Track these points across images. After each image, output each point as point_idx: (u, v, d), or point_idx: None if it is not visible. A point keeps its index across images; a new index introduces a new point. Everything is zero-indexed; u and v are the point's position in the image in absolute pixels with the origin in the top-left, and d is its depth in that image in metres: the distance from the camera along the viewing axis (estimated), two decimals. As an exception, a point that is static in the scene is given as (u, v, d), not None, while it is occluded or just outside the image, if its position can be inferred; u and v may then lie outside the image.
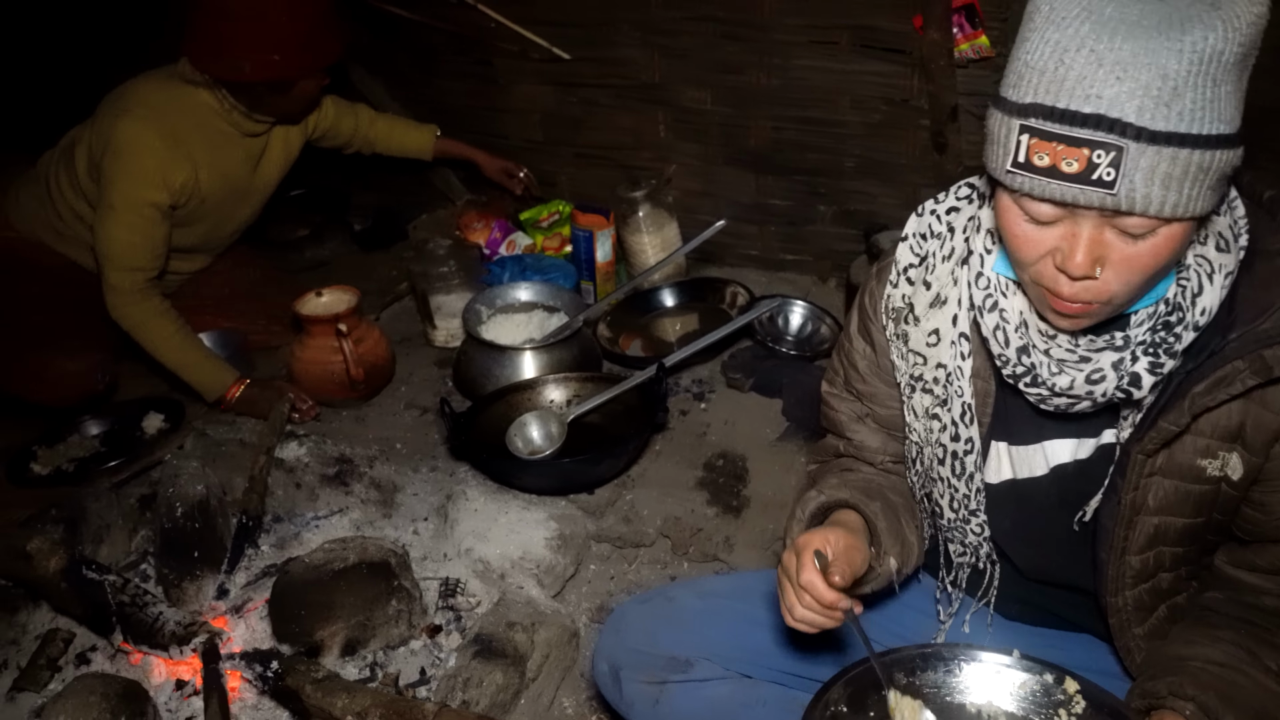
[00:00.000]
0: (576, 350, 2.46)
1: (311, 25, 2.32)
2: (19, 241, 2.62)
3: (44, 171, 2.60)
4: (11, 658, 1.84)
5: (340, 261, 3.47)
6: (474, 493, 2.01)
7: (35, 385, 2.38)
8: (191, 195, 2.45)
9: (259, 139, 2.59)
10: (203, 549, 1.87)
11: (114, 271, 2.36)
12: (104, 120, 2.37)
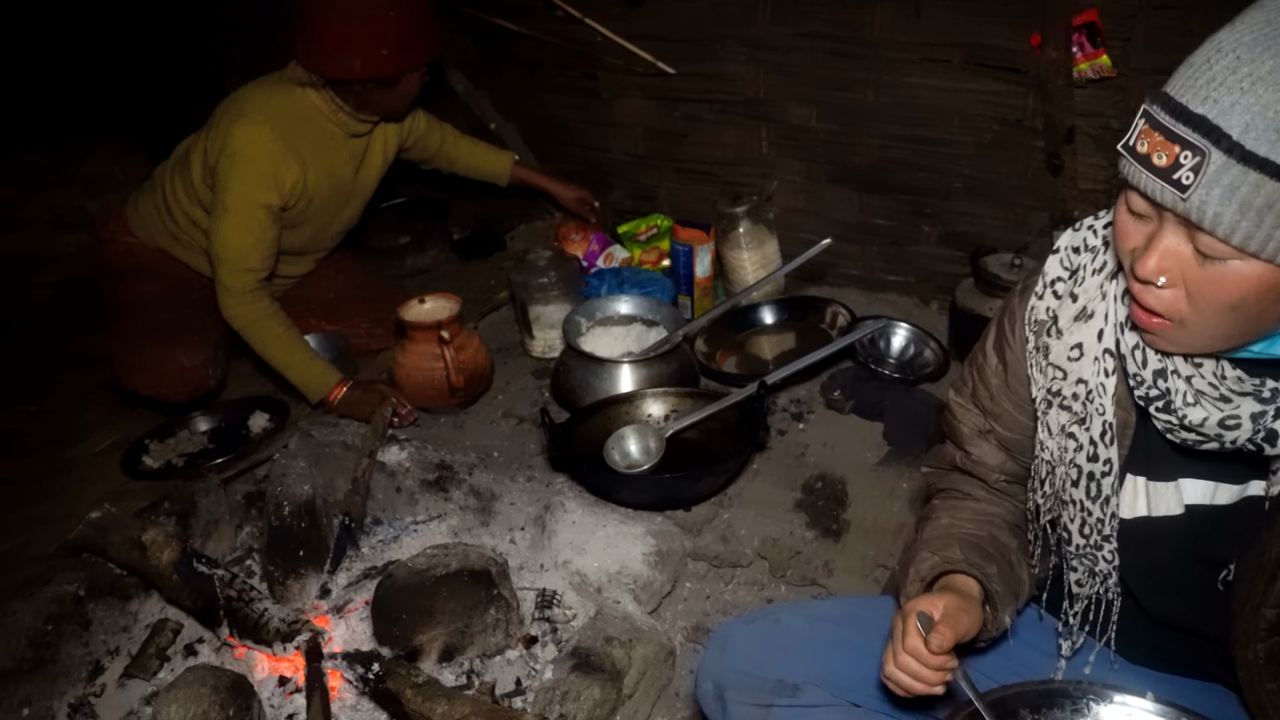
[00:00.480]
0: (675, 365, 2.45)
1: (415, 21, 2.39)
2: (139, 246, 2.73)
3: (160, 180, 2.69)
4: (123, 645, 1.89)
5: (439, 269, 3.52)
6: (572, 504, 2.01)
7: (153, 381, 2.46)
8: (300, 196, 2.51)
9: (361, 140, 2.66)
10: (308, 548, 1.90)
11: (228, 272, 2.43)
12: (220, 126, 2.44)
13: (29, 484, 2.57)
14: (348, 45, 2.34)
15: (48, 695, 1.77)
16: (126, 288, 2.63)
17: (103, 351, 2.73)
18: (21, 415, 2.94)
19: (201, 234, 2.61)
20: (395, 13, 2.34)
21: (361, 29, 2.33)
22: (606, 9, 2.91)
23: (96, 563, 1.93)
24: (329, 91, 2.48)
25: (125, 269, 2.69)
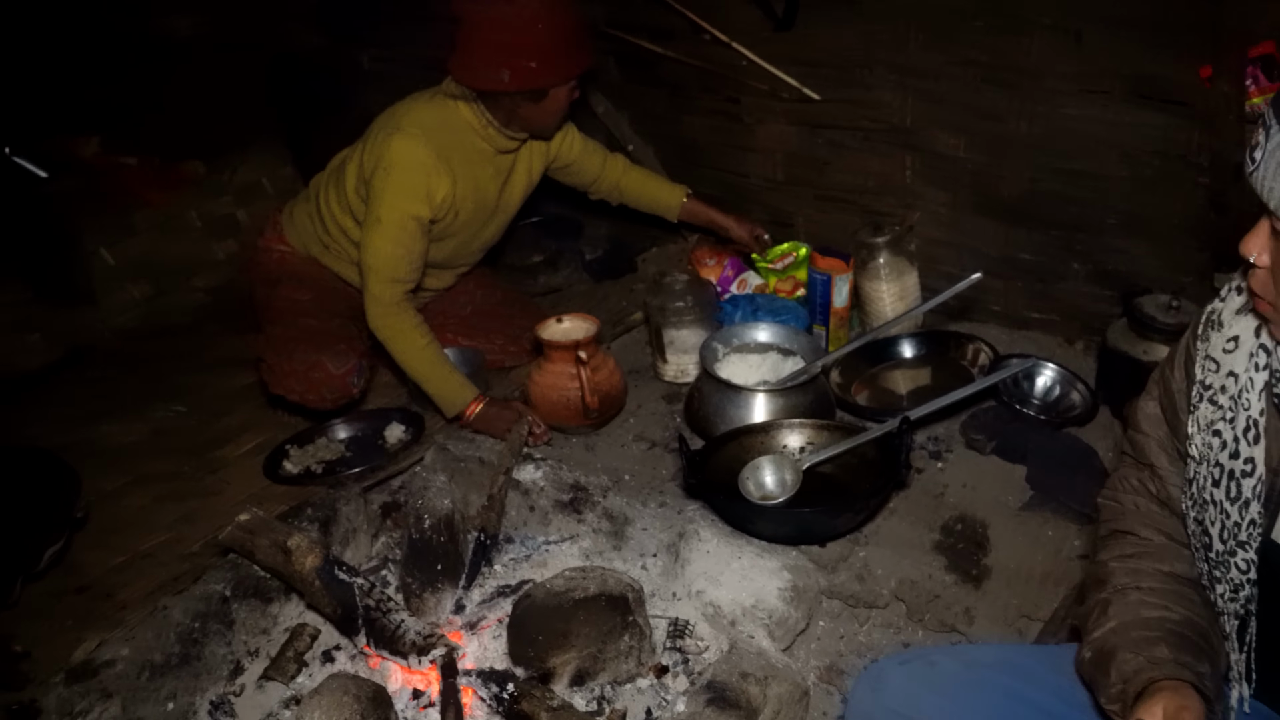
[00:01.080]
0: (812, 396, 2.40)
1: (565, 36, 2.40)
2: (292, 255, 2.82)
3: (315, 190, 2.78)
4: (262, 646, 1.94)
5: (571, 289, 3.56)
6: (707, 533, 1.99)
7: (301, 387, 2.53)
8: (449, 210, 2.56)
9: (508, 157, 2.69)
10: (445, 562, 1.92)
11: (377, 282, 2.49)
12: (377, 140, 2.51)
13: (177, 482, 2.68)
14: (498, 57, 2.37)
15: (191, 691, 1.83)
16: (279, 295, 2.72)
17: (251, 355, 2.84)
18: (172, 415, 3.07)
19: (351, 244, 2.68)
20: (545, 26, 2.35)
21: (512, 41, 2.35)
22: (754, 33, 2.89)
23: (242, 564, 1.99)
24: (480, 105, 2.52)
25: (278, 276, 2.78)
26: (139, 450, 2.87)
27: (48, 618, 2.16)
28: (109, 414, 3.09)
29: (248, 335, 3.51)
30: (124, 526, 2.48)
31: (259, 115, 4.43)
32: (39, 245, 3.64)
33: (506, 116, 2.53)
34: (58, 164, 3.78)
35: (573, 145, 2.86)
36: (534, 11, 2.33)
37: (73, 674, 1.77)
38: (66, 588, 2.26)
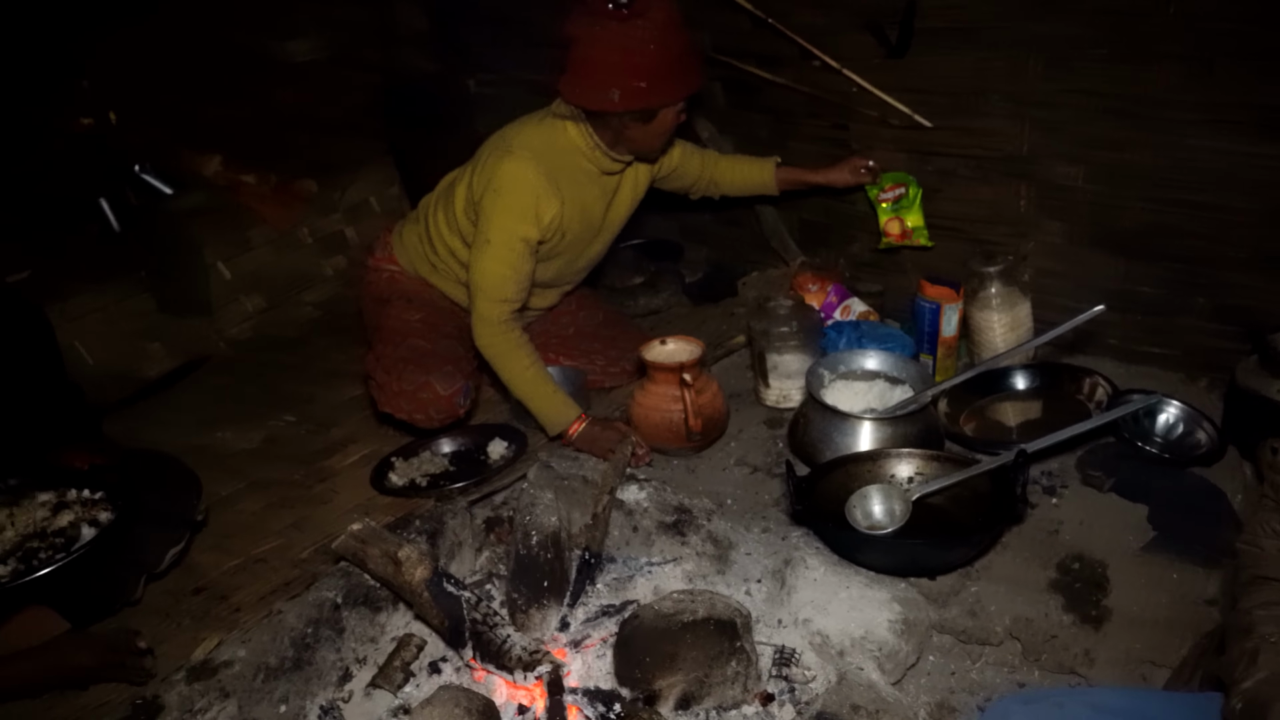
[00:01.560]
0: (921, 426, 2.36)
1: (675, 57, 2.40)
2: (401, 275, 2.88)
3: (424, 211, 2.84)
4: (370, 655, 1.97)
5: (670, 311, 3.57)
6: (814, 561, 1.96)
7: (409, 406, 2.58)
8: (556, 231, 2.59)
9: (614, 178, 2.71)
10: (551, 580, 1.93)
11: (484, 302, 2.53)
12: (487, 162, 2.55)
13: (288, 489, 2.75)
14: (608, 77, 2.39)
15: (302, 695, 1.86)
16: (388, 314, 2.78)
17: (360, 372, 2.91)
18: (283, 424, 3.16)
19: (459, 265, 2.73)
20: (656, 47, 2.36)
21: (623, 62, 2.36)
22: (865, 60, 2.87)
23: (353, 572, 2.03)
24: (587, 126, 2.54)
25: (388, 295, 2.84)
26: (253, 457, 2.96)
27: (167, 616, 2.24)
28: (225, 421, 3.20)
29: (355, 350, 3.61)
30: (239, 531, 2.55)
31: (370, 136, 4.55)
32: (164, 258, 3.79)
33: (613, 137, 2.55)
34: (182, 180, 3.94)
35: (673, 155, 2.89)
36: (646, 33, 2.34)
37: (193, 672, 1.82)
38: (184, 588, 2.33)
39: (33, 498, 1.93)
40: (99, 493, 1.94)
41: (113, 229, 3.82)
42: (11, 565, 1.78)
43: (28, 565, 1.78)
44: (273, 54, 4.27)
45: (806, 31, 2.96)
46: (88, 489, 1.95)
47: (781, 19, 2.98)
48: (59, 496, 1.94)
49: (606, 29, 2.36)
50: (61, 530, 1.89)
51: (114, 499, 1.93)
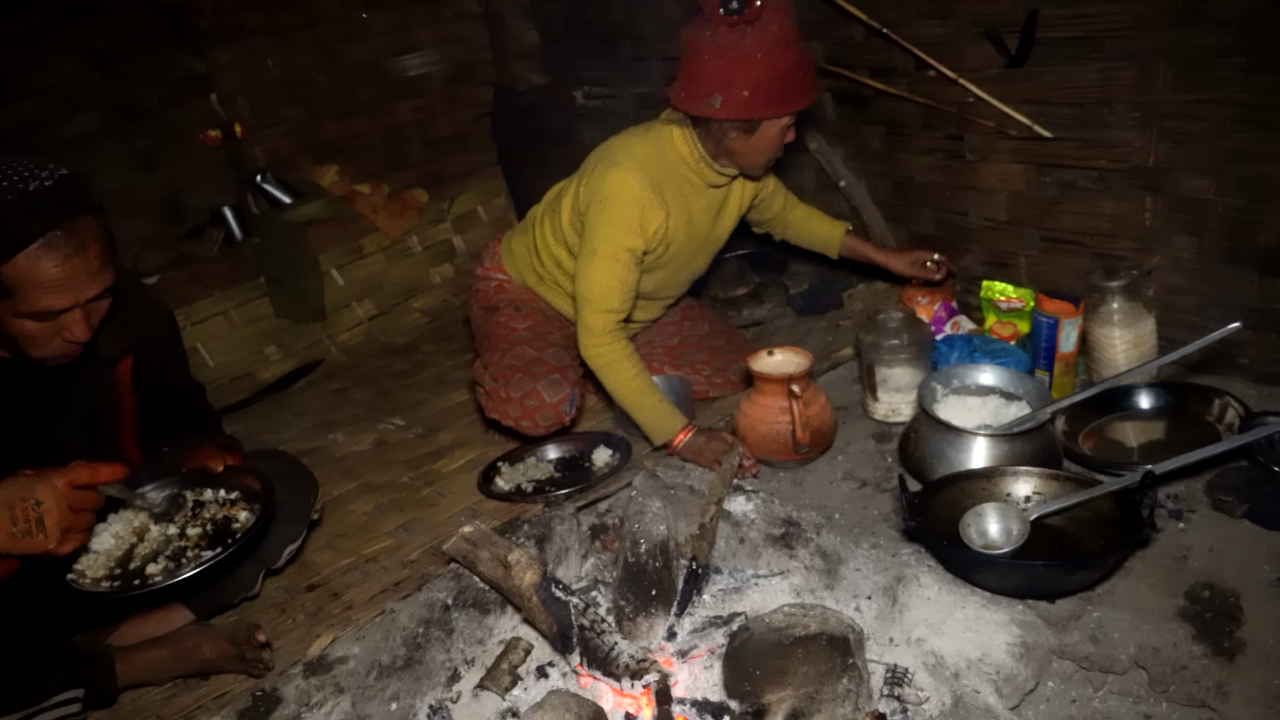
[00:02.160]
0: (1038, 444, 2.29)
1: (784, 70, 2.36)
2: (510, 284, 2.92)
3: (531, 222, 2.87)
4: (478, 657, 1.99)
5: (774, 323, 3.54)
6: (927, 579, 1.91)
7: (517, 414, 2.61)
8: (661, 241, 2.59)
9: (719, 191, 2.70)
10: (659, 588, 1.92)
11: (591, 313, 2.54)
12: (593, 173, 2.57)
13: (398, 491, 2.81)
14: (711, 83, 2.38)
15: (412, 694, 1.89)
16: (496, 322, 2.81)
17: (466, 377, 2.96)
18: (393, 428, 3.23)
19: (564, 275, 2.76)
20: (764, 57, 2.34)
21: (727, 68, 2.35)
22: (982, 70, 2.82)
23: (463, 574, 2.05)
24: (692, 134, 2.54)
25: (496, 304, 2.88)
26: (364, 459, 3.03)
27: (282, 611, 2.30)
28: (337, 424, 3.29)
29: (461, 357, 3.68)
30: (351, 531, 2.61)
31: (479, 148, 4.65)
32: (281, 265, 3.92)
33: (716, 147, 2.53)
34: (300, 190, 4.08)
35: (767, 185, 2.88)
36: (755, 42, 2.32)
37: (309, 667, 1.86)
38: (299, 584, 2.40)
39: (179, 498, 2.01)
40: (234, 492, 2.00)
41: (235, 236, 3.97)
42: (162, 564, 1.85)
43: (177, 563, 1.85)
44: (390, 70, 4.39)
45: (922, 41, 2.91)
46: (223, 489, 2.01)
47: (896, 29, 2.94)
48: (197, 495, 2.01)
49: (716, 34, 2.35)
50: (204, 529, 1.97)
51: (251, 499, 1.99)
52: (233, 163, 4.06)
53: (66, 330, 1.73)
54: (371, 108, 4.37)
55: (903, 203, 3.27)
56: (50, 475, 1.59)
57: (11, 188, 1.60)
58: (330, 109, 4.26)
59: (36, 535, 1.56)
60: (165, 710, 2.03)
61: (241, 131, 4.03)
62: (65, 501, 1.58)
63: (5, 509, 1.55)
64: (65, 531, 1.59)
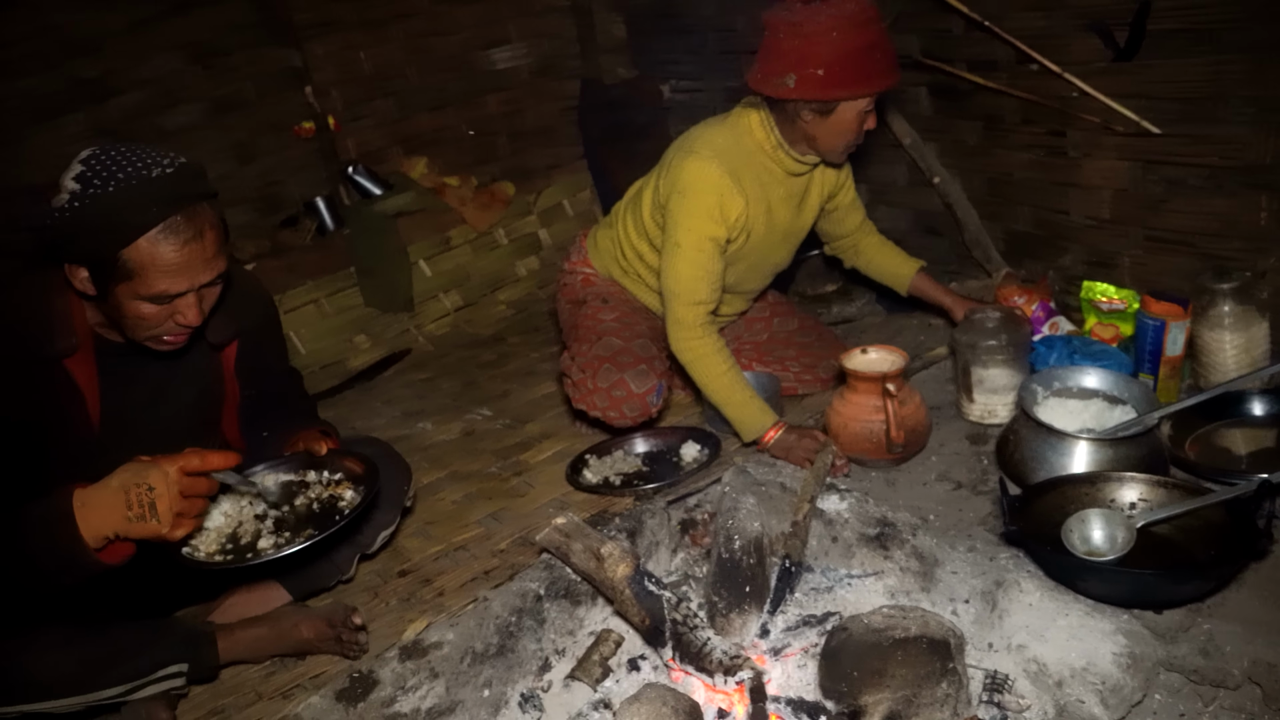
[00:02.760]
0: (1144, 450, 2.22)
1: (860, 50, 2.31)
2: (596, 277, 2.92)
3: (616, 216, 2.87)
4: (568, 647, 2.00)
5: (863, 320, 3.49)
6: (1028, 585, 1.87)
7: (604, 404, 2.62)
8: (742, 230, 2.56)
9: (800, 180, 2.66)
10: (753, 585, 1.91)
11: (679, 306, 2.53)
12: (672, 165, 2.55)
13: (486, 481, 2.84)
14: (786, 62, 2.34)
15: (504, 682, 1.91)
16: (584, 314, 2.82)
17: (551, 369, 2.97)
18: (480, 418, 3.26)
19: (647, 269, 2.74)
20: (840, 36, 2.29)
21: (802, 47, 2.31)
22: (1088, 63, 2.73)
23: (555, 565, 2.06)
24: (769, 119, 2.51)
25: (583, 296, 2.89)
26: (452, 448, 3.07)
27: (375, 595, 2.34)
28: (425, 413, 3.33)
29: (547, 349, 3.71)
30: (441, 518, 2.65)
31: (565, 142, 4.67)
32: (371, 255, 3.98)
33: (793, 132, 2.49)
34: (390, 182, 4.14)
35: (848, 192, 2.83)
36: (829, 20, 2.29)
37: (405, 651, 1.89)
38: (391, 569, 2.44)
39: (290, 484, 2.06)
40: (337, 474, 2.04)
41: (327, 227, 4.05)
42: (272, 540, 1.90)
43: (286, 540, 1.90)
44: (479, 63, 4.43)
45: (1024, 34, 2.84)
46: (326, 471, 2.05)
47: (998, 22, 2.87)
48: (301, 476, 2.05)
49: (791, 12, 2.33)
50: (310, 507, 2.01)
51: (354, 480, 2.03)
52: (325, 154, 4.14)
53: (179, 314, 1.77)
54: (461, 101, 4.41)
55: (999, 200, 3.19)
56: (163, 461, 1.63)
57: (136, 173, 1.64)
58: (420, 102, 4.31)
59: (150, 520, 1.60)
60: (263, 688, 2.08)
61: (335, 124, 4.10)
62: (177, 487, 1.62)
63: (121, 493, 1.60)
64: (177, 516, 1.63)
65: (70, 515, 1.59)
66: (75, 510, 1.59)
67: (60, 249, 1.68)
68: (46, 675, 1.76)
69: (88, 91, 3.58)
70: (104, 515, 1.60)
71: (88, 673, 1.80)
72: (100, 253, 1.66)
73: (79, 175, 1.65)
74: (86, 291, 1.74)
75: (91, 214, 1.62)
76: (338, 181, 4.15)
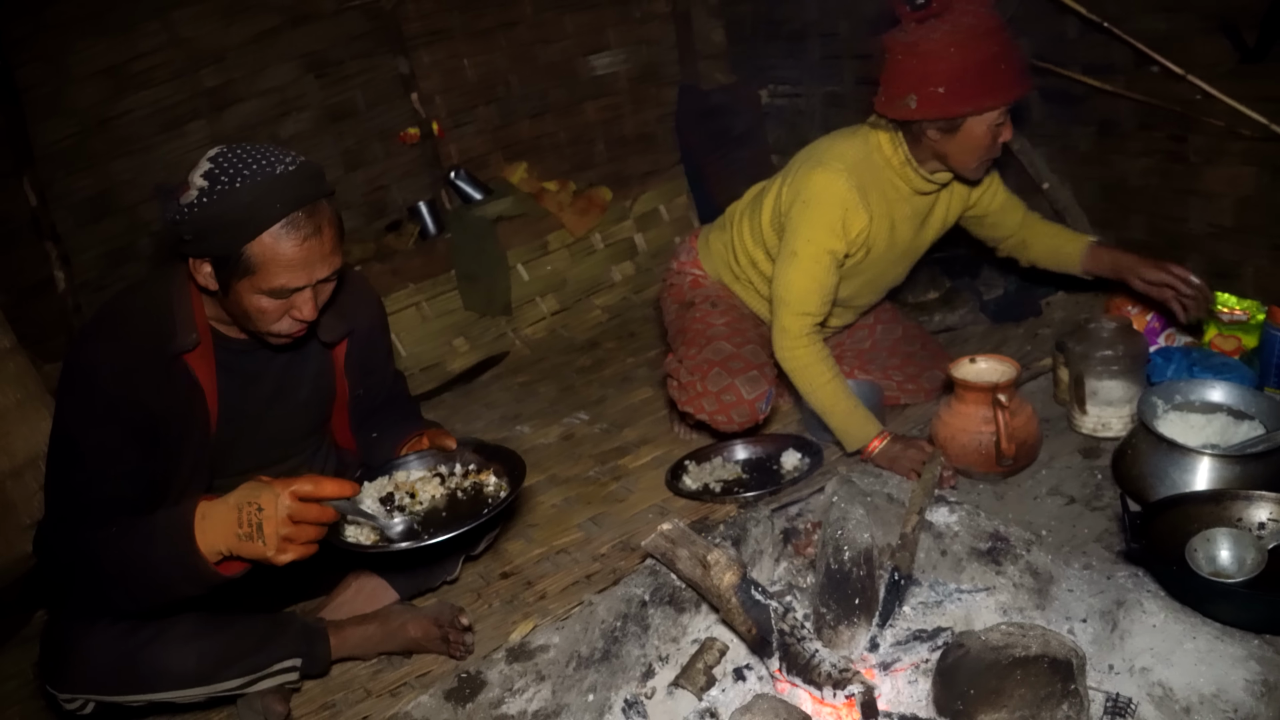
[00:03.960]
0: (1274, 467, 2.12)
1: (981, 61, 2.24)
2: (705, 280, 2.91)
3: (731, 219, 2.85)
4: (671, 654, 1.99)
5: (967, 329, 3.43)
6: (1152, 605, 1.79)
7: (712, 408, 2.61)
8: (861, 246, 2.53)
9: (926, 199, 2.60)
10: (863, 598, 1.88)
11: (788, 315, 2.50)
12: (798, 173, 2.53)
13: (585, 485, 2.85)
14: (907, 83, 2.31)
15: (608, 687, 1.91)
16: (693, 317, 2.80)
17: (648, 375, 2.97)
18: (578, 423, 3.28)
19: (760, 276, 2.73)
20: (957, 50, 2.24)
21: (921, 66, 2.27)
22: (1213, 65, 2.64)
23: (660, 571, 2.05)
24: (898, 138, 2.46)
25: (693, 299, 2.87)
26: (551, 452, 3.09)
27: (478, 596, 2.37)
28: (524, 417, 3.37)
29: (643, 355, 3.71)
30: (542, 521, 2.67)
31: (663, 148, 4.68)
32: (471, 259, 4.04)
33: (921, 151, 2.45)
34: (490, 187, 4.20)
35: (995, 195, 2.73)
36: (946, 36, 2.24)
37: (512, 653, 1.90)
38: (493, 571, 2.46)
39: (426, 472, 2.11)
40: (470, 464, 2.09)
41: (429, 231, 4.12)
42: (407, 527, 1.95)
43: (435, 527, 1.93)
44: (580, 70, 4.47)
45: (1146, 36, 2.75)
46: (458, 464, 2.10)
47: (1117, 23, 2.79)
48: (433, 470, 2.09)
49: (906, 32, 2.30)
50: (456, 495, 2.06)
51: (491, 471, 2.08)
52: (429, 160, 4.21)
53: (296, 309, 1.81)
54: (560, 107, 4.46)
55: (1112, 207, 3.10)
56: (277, 484, 1.62)
57: (261, 171, 1.69)
58: (521, 108, 4.37)
59: (255, 541, 1.60)
60: (372, 684, 2.12)
61: (439, 130, 4.18)
62: (286, 511, 1.60)
63: (235, 511, 1.61)
64: (283, 540, 1.61)
65: (191, 528, 1.62)
66: (195, 523, 1.62)
67: (188, 244, 1.73)
68: (175, 665, 1.83)
69: (210, 101, 3.71)
70: (219, 531, 1.62)
71: (212, 664, 1.86)
72: (226, 247, 1.71)
73: (207, 172, 1.70)
74: (209, 287, 1.79)
75: (220, 209, 1.68)
76: (440, 187, 4.22)
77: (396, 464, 2.13)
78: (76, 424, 1.79)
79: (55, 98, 3.48)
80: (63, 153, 3.52)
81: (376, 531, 1.89)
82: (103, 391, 1.76)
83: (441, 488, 2.07)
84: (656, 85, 4.67)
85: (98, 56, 3.51)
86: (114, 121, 3.59)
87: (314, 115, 3.95)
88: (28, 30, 3.40)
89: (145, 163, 3.63)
